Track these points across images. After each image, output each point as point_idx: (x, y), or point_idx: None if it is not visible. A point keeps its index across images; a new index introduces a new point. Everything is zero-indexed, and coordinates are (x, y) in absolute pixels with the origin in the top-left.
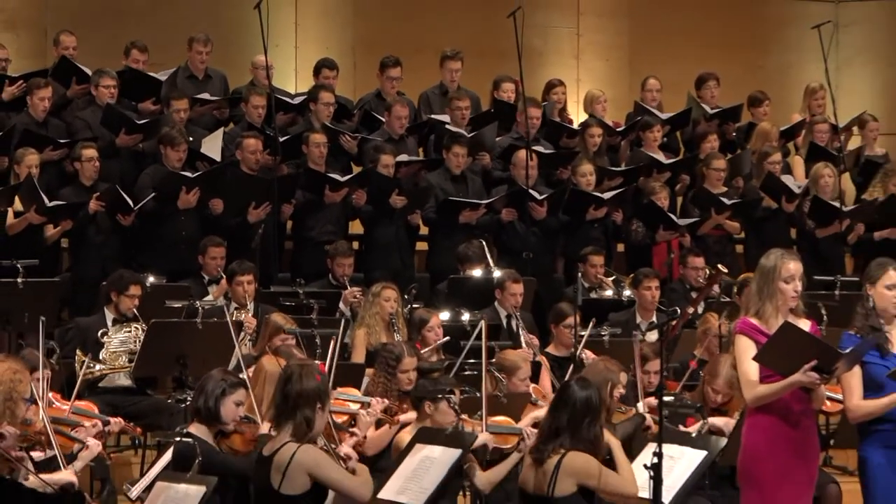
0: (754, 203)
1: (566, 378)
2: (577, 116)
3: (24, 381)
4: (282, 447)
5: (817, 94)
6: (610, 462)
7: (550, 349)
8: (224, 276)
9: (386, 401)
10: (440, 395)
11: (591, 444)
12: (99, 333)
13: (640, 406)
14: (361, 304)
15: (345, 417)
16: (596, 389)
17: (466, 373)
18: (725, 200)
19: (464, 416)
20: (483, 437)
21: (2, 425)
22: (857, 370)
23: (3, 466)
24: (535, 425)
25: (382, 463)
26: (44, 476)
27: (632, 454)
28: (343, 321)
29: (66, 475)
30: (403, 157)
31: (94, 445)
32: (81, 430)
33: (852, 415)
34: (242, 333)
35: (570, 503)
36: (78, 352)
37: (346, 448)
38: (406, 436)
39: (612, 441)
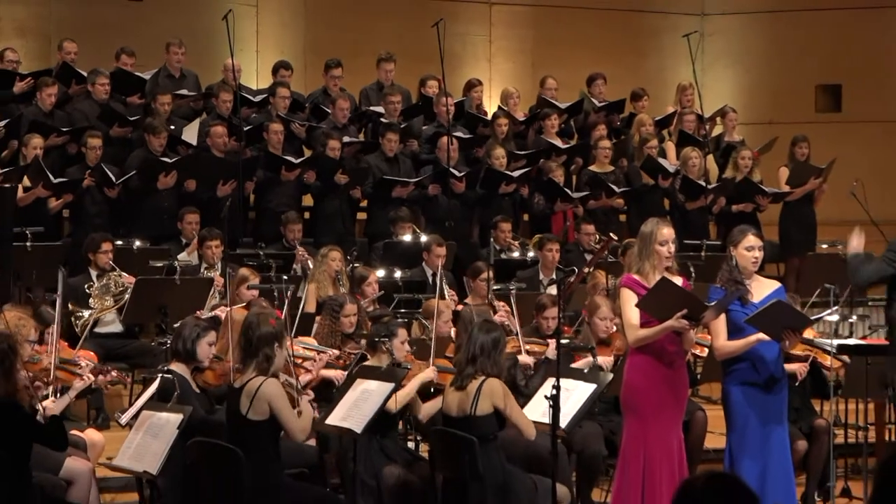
0: (640, 192)
1: None
2: (490, 109)
3: (28, 325)
4: (251, 380)
5: (687, 91)
6: None
7: (468, 300)
8: (197, 238)
9: (337, 351)
10: (388, 337)
11: (501, 370)
12: (85, 286)
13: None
14: (312, 264)
15: (300, 361)
16: (498, 331)
17: (399, 320)
18: (614, 188)
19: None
20: (430, 372)
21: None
22: (722, 317)
23: (24, 396)
24: None
25: (329, 395)
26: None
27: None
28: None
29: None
30: (347, 139)
31: (88, 377)
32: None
33: (718, 353)
34: (213, 288)
35: (488, 421)
36: (70, 305)
37: (303, 379)
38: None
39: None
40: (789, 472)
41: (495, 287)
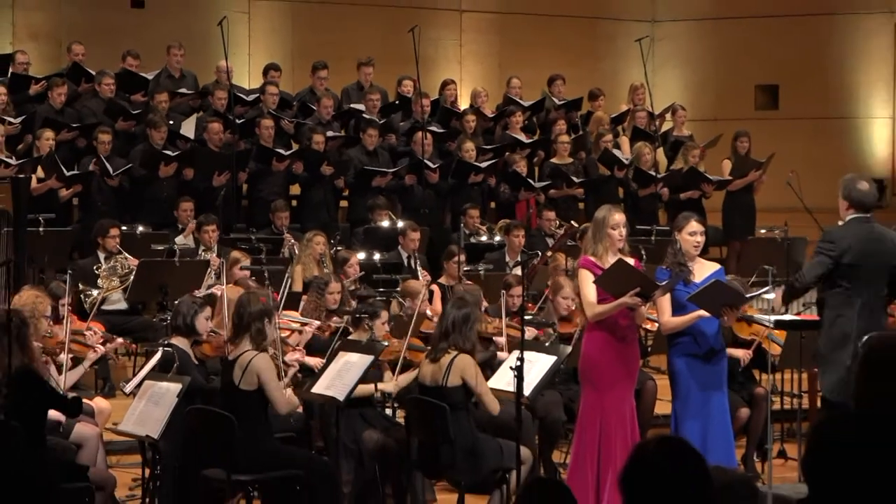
0: (597, 182)
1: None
2: (462, 107)
3: (44, 303)
4: (243, 353)
5: (639, 91)
6: None
7: (442, 279)
8: (192, 222)
9: (318, 322)
10: (370, 316)
11: (473, 344)
12: (94, 268)
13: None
14: (297, 248)
15: (287, 332)
16: (468, 308)
17: (379, 298)
18: (574, 178)
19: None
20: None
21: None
22: (667, 295)
23: (40, 366)
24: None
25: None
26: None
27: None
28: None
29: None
30: (331, 134)
31: (100, 349)
32: (89, 337)
33: (663, 328)
34: (209, 268)
35: (457, 392)
36: (80, 284)
37: (290, 357)
38: None
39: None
40: (729, 434)
41: (465, 268)
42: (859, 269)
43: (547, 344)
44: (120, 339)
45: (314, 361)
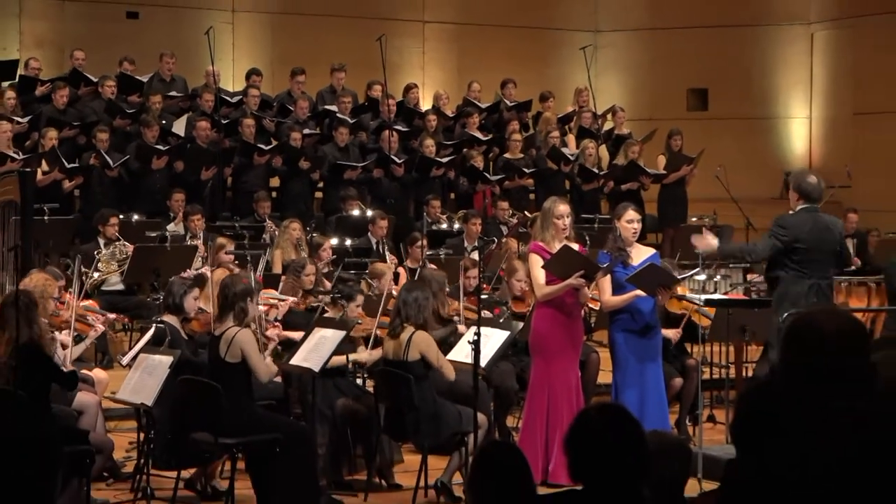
0: (546, 176)
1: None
2: (424, 108)
3: (52, 285)
4: (228, 329)
5: (584, 93)
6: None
7: (407, 263)
8: (183, 211)
9: (294, 298)
10: (345, 299)
11: (424, 319)
12: (95, 252)
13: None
14: (277, 233)
15: (266, 308)
16: (419, 290)
17: (350, 281)
18: (525, 170)
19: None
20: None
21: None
22: (608, 277)
23: (46, 343)
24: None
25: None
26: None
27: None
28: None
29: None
30: (307, 131)
31: (100, 328)
32: (90, 317)
33: (604, 306)
34: (196, 254)
35: (416, 366)
36: (82, 268)
37: (270, 333)
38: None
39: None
40: (663, 401)
41: (428, 252)
42: (810, 253)
43: (501, 320)
44: (112, 315)
45: (293, 335)
